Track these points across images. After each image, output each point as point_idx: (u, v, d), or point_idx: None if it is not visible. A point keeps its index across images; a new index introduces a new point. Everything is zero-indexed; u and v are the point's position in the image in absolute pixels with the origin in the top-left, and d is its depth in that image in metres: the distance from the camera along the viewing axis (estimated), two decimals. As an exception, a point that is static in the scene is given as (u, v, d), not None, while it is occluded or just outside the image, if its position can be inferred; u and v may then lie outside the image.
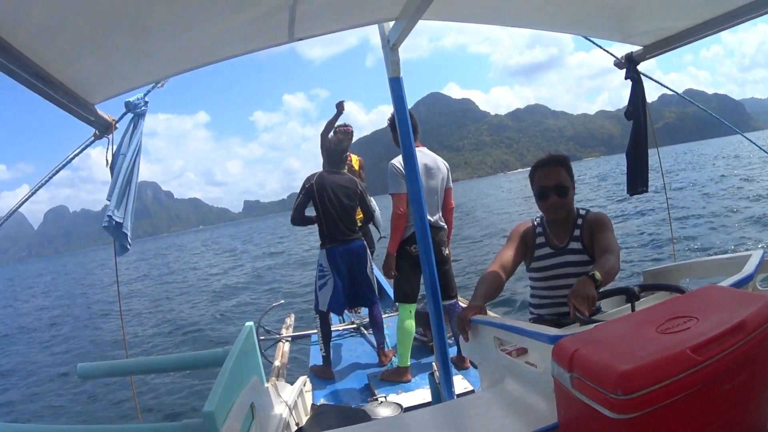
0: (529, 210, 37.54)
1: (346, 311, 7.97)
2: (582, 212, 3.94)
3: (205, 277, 37.28)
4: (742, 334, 1.74)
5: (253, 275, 32.75)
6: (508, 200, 56.18)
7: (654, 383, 1.60)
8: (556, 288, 3.91)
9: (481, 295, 3.56)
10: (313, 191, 6.53)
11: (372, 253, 8.62)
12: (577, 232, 3.87)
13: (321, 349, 6.71)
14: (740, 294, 2.06)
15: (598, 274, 3.15)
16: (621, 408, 1.61)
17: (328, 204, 6.51)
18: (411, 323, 5.96)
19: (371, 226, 8.36)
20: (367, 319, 7.63)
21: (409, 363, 6.02)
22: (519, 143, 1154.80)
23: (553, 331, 2.55)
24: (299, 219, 6.73)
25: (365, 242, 6.91)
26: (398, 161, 5.65)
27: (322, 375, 6.56)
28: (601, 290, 3.20)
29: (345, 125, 8.41)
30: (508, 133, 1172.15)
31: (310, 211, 6.69)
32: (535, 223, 4.08)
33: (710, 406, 1.71)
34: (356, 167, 8.85)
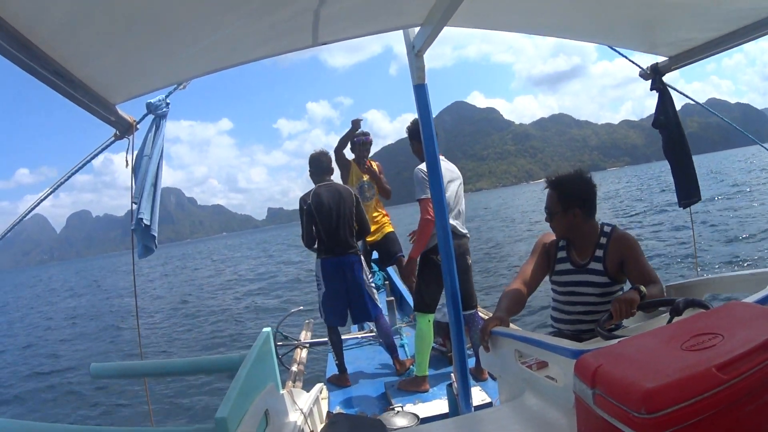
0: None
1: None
2: (607, 229, 3.85)
3: (226, 281, 37.58)
4: None
5: (275, 280, 32.97)
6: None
7: (679, 402, 1.57)
8: (574, 304, 3.89)
9: (504, 308, 3.57)
10: (312, 210, 6.60)
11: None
12: (599, 252, 3.80)
13: (335, 359, 6.72)
14: (765, 311, 2.02)
15: (644, 288, 3.20)
16: (644, 427, 1.58)
17: (327, 218, 6.58)
18: (430, 333, 5.91)
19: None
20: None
21: (427, 372, 5.96)
22: (543, 153, 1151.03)
23: (575, 345, 2.53)
24: (312, 242, 6.79)
25: (361, 257, 6.89)
26: (425, 167, 5.62)
27: (338, 383, 6.56)
28: (646, 301, 3.21)
29: (364, 133, 8.52)
30: (532, 143, 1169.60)
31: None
32: None
33: (733, 427, 1.67)
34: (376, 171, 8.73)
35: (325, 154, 7.14)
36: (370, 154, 8.87)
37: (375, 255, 9.40)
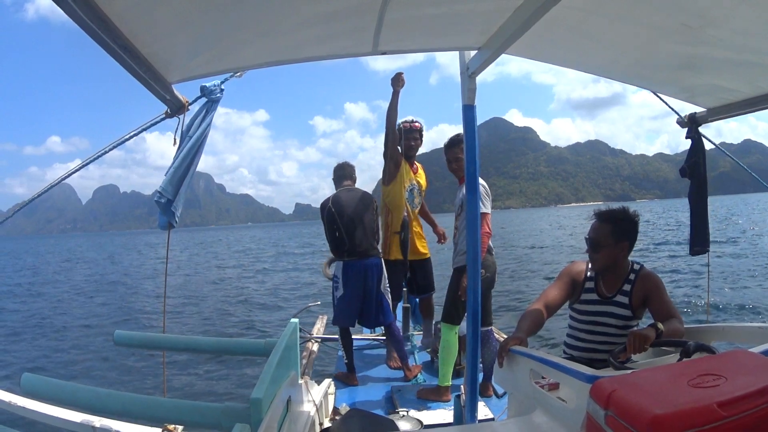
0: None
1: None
2: (636, 267, 3.95)
3: (246, 271, 37.78)
4: (766, 398, 1.84)
5: (293, 273, 33.19)
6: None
7: (682, 429, 1.73)
8: (593, 333, 3.97)
9: (525, 329, 3.67)
10: (333, 212, 6.68)
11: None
12: (626, 287, 3.89)
13: (344, 358, 6.80)
14: (767, 362, 2.17)
15: (661, 326, 3.33)
16: (650, 448, 1.72)
17: (348, 220, 6.64)
18: (456, 344, 5.95)
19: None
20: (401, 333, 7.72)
21: (450, 383, 5.99)
22: (576, 178, 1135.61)
23: (591, 371, 2.66)
24: (336, 245, 6.84)
25: (382, 260, 6.92)
26: (480, 181, 5.63)
27: (346, 381, 6.64)
28: (661, 339, 3.32)
29: (413, 121, 7.55)
30: (565, 166, 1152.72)
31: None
32: (589, 266, 4.11)
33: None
34: (423, 183, 7.76)
35: (349, 164, 7.25)
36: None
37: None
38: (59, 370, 12.70)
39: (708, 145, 5.20)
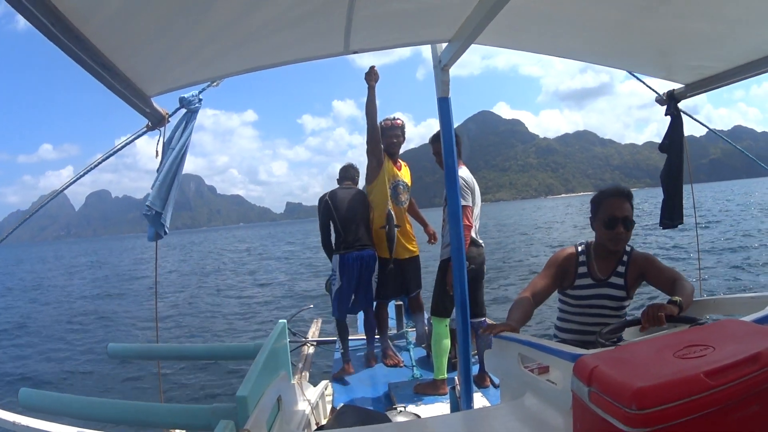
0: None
1: None
2: (627, 248, 3.96)
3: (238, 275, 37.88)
4: (757, 366, 1.81)
5: (287, 275, 33.27)
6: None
7: (667, 402, 1.69)
8: (588, 315, 3.98)
9: (517, 319, 3.67)
10: (329, 205, 6.89)
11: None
12: (621, 268, 3.91)
13: (340, 348, 6.95)
14: (758, 328, 2.14)
15: (680, 299, 3.29)
16: (634, 422, 1.69)
17: (344, 213, 6.83)
18: (447, 336, 5.98)
19: None
20: (395, 330, 7.91)
21: (446, 375, 6.00)
22: (565, 168, 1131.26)
23: (576, 350, 2.64)
24: (329, 238, 7.07)
25: (376, 252, 6.97)
26: (463, 174, 5.72)
27: (343, 373, 6.72)
28: (678, 316, 3.27)
29: (395, 119, 7.26)
30: (555, 158, 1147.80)
31: None
32: (579, 250, 4.10)
33: (721, 431, 1.78)
34: (408, 180, 7.41)
35: (353, 167, 7.48)
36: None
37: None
38: (52, 381, 12.81)
39: (699, 132, 5.24)
